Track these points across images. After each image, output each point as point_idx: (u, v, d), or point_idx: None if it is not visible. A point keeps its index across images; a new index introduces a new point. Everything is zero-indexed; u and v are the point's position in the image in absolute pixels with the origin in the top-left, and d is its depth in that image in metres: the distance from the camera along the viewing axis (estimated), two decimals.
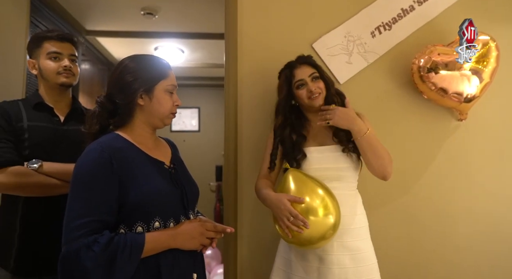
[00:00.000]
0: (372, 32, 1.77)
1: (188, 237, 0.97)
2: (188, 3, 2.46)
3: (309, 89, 1.34)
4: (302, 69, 1.37)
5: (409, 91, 1.71)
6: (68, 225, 0.86)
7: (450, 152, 1.70)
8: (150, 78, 1.01)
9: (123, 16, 2.69)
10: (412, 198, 1.68)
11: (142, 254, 0.88)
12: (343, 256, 1.24)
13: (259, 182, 1.36)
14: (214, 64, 3.85)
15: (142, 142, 1.03)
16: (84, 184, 0.89)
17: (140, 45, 3.32)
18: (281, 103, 1.41)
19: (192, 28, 2.91)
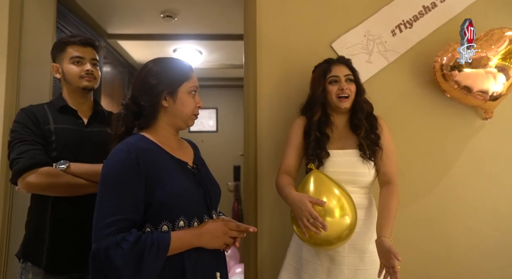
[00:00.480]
0: (393, 31, 1.74)
1: (212, 236, 0.99)
2: (206, 5, 2.48)
3: (340, 87, 1.35)
4: (339, 67, 1.40)
5: (431, 90, 1.69)
6: (97, 224, 0.89)
7: (474, 152, 1.66)
8: (174, 80, 1.03)
9: (143, 19, 2.74)
10: (434, 199, 1.65)
11: (168, 252, 0.91)
12: (354, 258, 1.26)
13: (281, 178, 1.34)
14: (232, 64, 3.88)
15: (166, 143, 1.05)
16: (112, 184, 0.92)
17: (159, 47, 3.37)
18: (317, 97, 1.40)
19: (211, 29, 2.94)
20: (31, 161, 1.18)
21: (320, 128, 1.38)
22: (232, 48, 3.37)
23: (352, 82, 1.38)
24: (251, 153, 1.72)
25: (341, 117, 1.42)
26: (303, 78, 1.71)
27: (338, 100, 1.36)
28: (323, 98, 1.40)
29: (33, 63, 1.80)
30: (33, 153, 1.20)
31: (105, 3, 2.44)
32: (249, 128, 1.74)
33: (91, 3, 2.42)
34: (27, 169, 1.17)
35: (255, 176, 1.70)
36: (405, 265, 1.29)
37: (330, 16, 1.74)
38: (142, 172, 0.93)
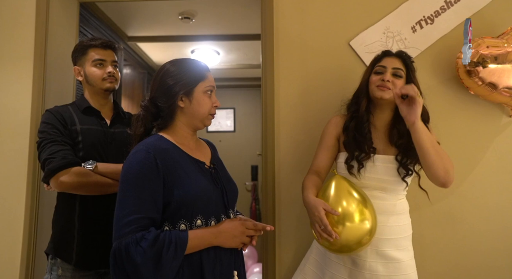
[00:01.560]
0: (413, 27, 1.71)
1: (229, 236, 1.00)
2: (224, 6, 2.50)
3: (382, 78, 1.26)
4: (392, 59, 1.30)
5: (454, 87, 1.64)
6: (118, 222, 0.91)
7: (500, 151, 1.60)
8: (189, 81, 1.05)
9: (162, 22, 2.79)
10: (459, 199, 1.61)
11: (186, 250, 0.92)
12: (376, 263, 1.23)
13: (307, 179, 1.30)
14: (249, 65, 3.89)
15: (184, 143, 1.07)
16: (132, 184, 0.94)
17: (177, 48, 3.42)
18: (362, 88, 1.32)
19: (228, 30, 2.96)
20: (63, 161, 1.22)
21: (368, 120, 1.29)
22: (250, 48, 3.37)
23: (400, 77, 1.26)
24: (269, 153, 1.72)
25: (381, 115, 1.31)
26: (321, 76, 1.71)
27: (377, 89, 1.25)
28: (366, 88, 1.30)
29: (58, 66, 1.86)
30: (64, 153, 1.24)
31: (125, 6, 2.49)
32: (267, 128, 1.73)
33: (112, 7, 2.48)
34: (60, 169, 1.21)
35: (273, 176, 1.70)
36: (430, 266, 1.27)
37: (348, 14, 1.72)
38: (160, 172, 0.95)
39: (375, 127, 1.33)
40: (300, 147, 1.69)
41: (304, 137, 1.69)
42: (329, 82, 1.70)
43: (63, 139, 1.27)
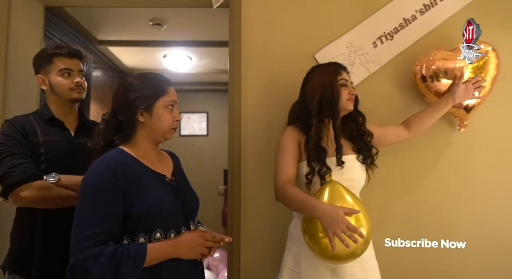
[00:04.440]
0: (374, 42, 1.79)
1: (188, 247, 1.02)
2: (194, 14, 2.52)
3: (351, 91, 1.37)
4: (346, 74, 1.42)
5: (412, 97, 1.73)
6: (76, 237, 0.92)
7: (450, 161, 1.71)
8: (150, 95, 1.06)
9: (133, 27, 2.78)
10: (413, 205, 1.70)
11: (144, 263, 0.94)
12: (355, 267, 1.27)
13: (290, 188, 1.27)
14: (222, 70, 3.91)
15: (145, 156, 1.08)
16: (91, 198, 0.95)
17: (149, 53, 3.41)
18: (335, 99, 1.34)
19: (199, 36, 2.98)
20: (23, 175, 1.19)
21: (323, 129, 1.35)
22: (222, 54, 3.40)
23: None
24: (236, 157, 1.76)
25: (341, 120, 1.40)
26: (286, 87, 1.74)
27: (347, 101, 1.36)
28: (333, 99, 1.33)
29: (20, 73, 1.82)
30: (25, 167, 1.21)
31: (95, 11, 2.46)
32: (233, 132, 1.77)
33: (81, 10, 2.45)
34: (19, 184, 1.18)
35: (239, 179, 1.74)
36: (388, 267, 1.35)
37: (314, 28, 1.79)
38: (120, 186, 0.96)
39: (331, 133, 1.38)
40: (265, 152, 1.72)
41: (270, 142, 1.72)
42: (293, 92, 1.73)
43: (23, 151, 1.24)
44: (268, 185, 1.52)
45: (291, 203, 1.27)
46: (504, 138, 1.71)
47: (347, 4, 1.79)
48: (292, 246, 1.39)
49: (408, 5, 1.79)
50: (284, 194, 1.28)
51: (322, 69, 1.42)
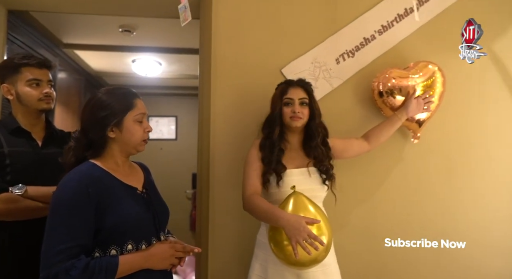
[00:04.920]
0: (337, 59, 1.91)
1: (160, 258, 1.05)
2: (164, 22, 2.53)
3: (293, 110, 1.44)
4: (296, 90, 1.48)
5: (371, 111, 1.86)
6: (47, 252, 0.92)
7: (404, 170, 1.86)
8: (118, 111, 1.07)
9: (102, 32, 2.74)
10: (369, 211, 1.83)
11: (116, 275, 0.96)
12: (317, 272, 1.35)
13: (257, 199, 1.34)
14: (192, 75, 3.93)
15: (116, 169, 1.09)
16: (62, 213, 0.96)
17: (118, 57, 3.36)
18: (276, 116, 1.47)
19: (169, 44, 2.99)
20: None
21: (278, 144, 1.45)
22: (192, 60, 3.42)
23: (306, 105, 1.47)
24: (204, 166, 1.81)
25: (295, 136, 1.51)
26: (254, 98, 1.82)
27: (290, 120, 1.45)
28: (280, 117, 1.47)
29: None
30: None
31: (62, 14, 2.41)
32: (203, 143, 1.83)
33: (47, 14, 2.39)
34: None
35: (207, 187, 1.79)
36: (345, 270, 1.46)
37: (281, 43, 1.87)
38: (92, 200, 0.97)
39: (292, 146, 1.50)
40: (234, 160, 1.78)
41: (239, 150, 1.77)
42: (261, 104, 1.78)
43: None
44: (237, 192, 1.58)
45: (258, 213, 1.34)
46: (452, 148, 1.89)
47: (313, 22, 1.89)
48: (259, 253, 1.46)
49: (368, 26, 1.92)
50: (251, 204, 1.35)
51: (277, 88, 1.55)
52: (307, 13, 1.89)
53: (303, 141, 1.52)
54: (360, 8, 1.92)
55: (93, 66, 3.63)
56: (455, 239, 1.82)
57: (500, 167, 1.89)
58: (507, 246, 1.86)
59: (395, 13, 1.94)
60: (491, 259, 1.84)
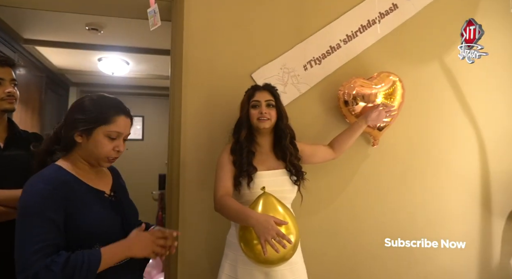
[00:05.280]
0: (305, 66, 1.99)
1: (140, 246, 1.04)
2: (134, 21, 2.50)
3: (260, 111, 1.51)
4: (262, 93, 1.55)
5: (335, 116, 1.96)
6: (23, 254, 0.91)
7: (365, 172, 1.98)
8: (92, 120, 1.06)
9: (67, 29, 2.65)
10: (334, 212, 1.94)
11: (99, 268, 0.95)
12: (285, 270, 1.41)
13: (228, 200, 1.39)
14: (160, 75, 3.89)
15: (82, 173, 1.09)
16: (33, 215, 0.94)
17: (83, 55, 3.26)
18: (243, 119, 1.55)
19: (138, 43, 2.94)
20: None
21: (247, 146, 1.51)
22: (160, 61, 3.39)
23: (272, 107, 1.53)
24: (175, 168, 1.82)
25: (264, 139, 1.57)
26: (225, 101, 1.86)
27: (257, 121, 1.51)
28: (247, 120, 1.54)
29: None
30: None
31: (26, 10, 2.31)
32: (173, 146, 1.84)
33: (7, 9, 2.28)
34: None
35: (177, 189, 1.81)
36: (310, 268, 1.53)
37: (252, 49, 1.93)
38: (60, 202, 0.97)
39: (262, 148, 1.56)
40: (205, 162, 1.82)
41: (209, 152, 1.82)
42: (232, 107, 1.81)
43: None
44: (206, 193, 1.63)
45: (228, 213, 1.38)
46: (408, 152, 2.04)
47: (282, 29, 1.97)
48: (229, 253, 1.50)
49: (334, 35, 2.03)
50: (222, 205, 1.39)
51: (245, 94, 1.61)
52: (276, 21, 1.97)
53: (273, 144, 1.59)
54: (327, 17, 2.02)
55: (56, 63, 3.49)
56: (413, 236, 1.97)
57: (451, 169, 2.07)
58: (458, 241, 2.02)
59: (359, 24, 2.06)
60: (444, 254, 2.00)
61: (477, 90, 2.12)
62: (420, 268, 1.99)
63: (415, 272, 1.99)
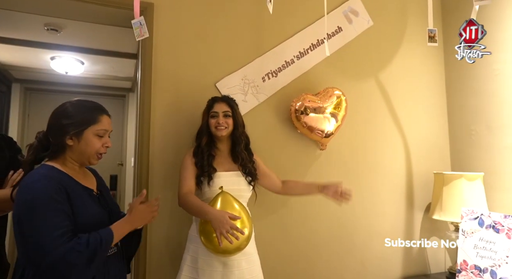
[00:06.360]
0: (263, 77, 2.22)
1: (141, 218, 1.24)
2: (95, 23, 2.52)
3: (218, 121, 1.70)
4: (220, 105, 1.74)
5: (288, 126, 2.22)
6: (45, 240, 1.01)
7: (314, 173, 2.26)
8: (80, 123, 1.17)
9: (23, 27, 2.58)
10: (288, 210, 2.18)
11: (113, 242, 1.13)
12: (241, 260, 1.59)
13: (191, 197, 1.57)
14: (115, 76, 3.87)
15: (72, 173, 1.20)
16: (45, 206, 1.04)
17: (33, 53, 3.15)
18: (204, 127, 1.74)
19: (95, 45, 2.94)
20: None
21: (208, 150, 1.71)
22: (117, 63, 3.40)
23: (229, 117, 1.72)
24: (144, 171, 1.94)
25: (223, 144, 1.76)
26: (191, 108, 2.02)
27: (215, 130, 1.70)
28: (207, 128, 1.74)
29: None
30: None
31: None
32: (142, 149, 1.95)
33: None
34: None
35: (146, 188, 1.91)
36: (267, 261, 1.75)
37: (216, 60, 2.11)
38: (64, 196, 1.08)
39: (221, 152, 1.76)
40: (170, 162, 1.95)
41: (175, 156, 1.95)
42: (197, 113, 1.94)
43: None
44: (172, 193, 1.79)
45: (190, 208, 1.56)
46: (350, 156, 2.36)
47: (243, 44, 2.18)
48: (190, 246, 1.67)
49: (289, 51, 2.29)
50: (185, 201, 1.58)
51: (207, 103, 1.80)
52: (239, 36, 2.18)
53: (230, 149, 1.79)
54: (283, 35, 2.28)
55: (2, 59, 3.32)
56: (354, 228, 2.30)
57: (383, 170, 2.44)
58: (390, 232, 2.38)
59: (310, 43, 2.35)
60: (376, 242, 2.35)
61: (404, 103, 2.53)
62: (358, 253, 2.33)
63: (354, 258, 2.32)
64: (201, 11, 2.11)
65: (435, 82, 2.66)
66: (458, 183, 2.16)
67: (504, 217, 1.78)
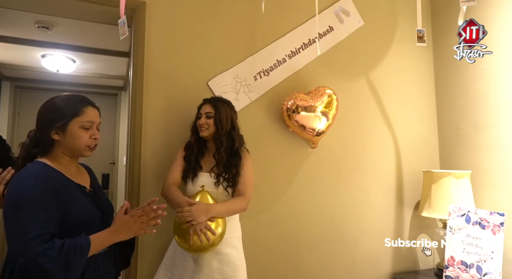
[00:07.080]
0: (255, 76, 2.24)
1: (125, 230, 1.14)
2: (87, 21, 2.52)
3: (200, 122, 1.74)
4: (205, 106, 1.77)
5: (280, 124, 2.24)
6: (20, 240, 1.00)
7: (306, 171, 2.29)
8: (64, 116, 1.16)
9: (13, 24, 2.56)
10: (279, 208, 2.20)
11: (89, 253, 1.07)
12: (212, 259, 1.60)
13: (174, 188, 1.63)
14: (107, 75, 3.85)
15: (65, 169, 1.19)
16: (27, 206, 1.03)
17: (25, 51, 3.14)
18: (193, 127, 1.80)
19: (87, 43, 2.93)
20: None
21: (197, 147, 1.75)
22: (109, 61, 3.40)
23: (211, 118, 1.71)
24: (136, 163, 1.94)
25: (211, 144, 1.76)
26: (183, 107, 2.03)
27: (200, 130, 1.74)
28: (196, 129, 1.77)
29: None
30: None
31: None
32: (134, 148, 1.95)
33: None
34: None
35: (138, 185, 1.93)
36: (258, 259, 1.77)
37: (208, 59, 2.12)
38: (52, 195, 1.07)
39: (209, 152, 1.77)
40: (162, 161, 1.96)
41: (167, 154, 1.96)
42: (190, 111, 1.96)
43: None
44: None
45: (171, 200, 1.61)
46: (341, 154, 2.39)
47: (235, 43, 2.20)
48: (171, 247, 1.72)
49: (280, 50, 2.31)
50: (168, 192, 1.63)
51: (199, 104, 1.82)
52: (231, 35, 2.19)
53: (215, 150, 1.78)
54: (275, 34, 2.30)
55: None
56: (345, 226, 2.33)
57: (373, 168, 2.47)
58: (380, 229, 2.43)
59: (301, 42, 2.37)
60: (366, 240, 2.39)
61: (394, 102, 2.56)
62: (348, 251, 2.36)
63: (345, 255, 2.35)
64: (193, 10, 2.12)
65: (425, 82, 2.70)
66: (446, 181, 2.20)
67: (489, 214, 1.83)
